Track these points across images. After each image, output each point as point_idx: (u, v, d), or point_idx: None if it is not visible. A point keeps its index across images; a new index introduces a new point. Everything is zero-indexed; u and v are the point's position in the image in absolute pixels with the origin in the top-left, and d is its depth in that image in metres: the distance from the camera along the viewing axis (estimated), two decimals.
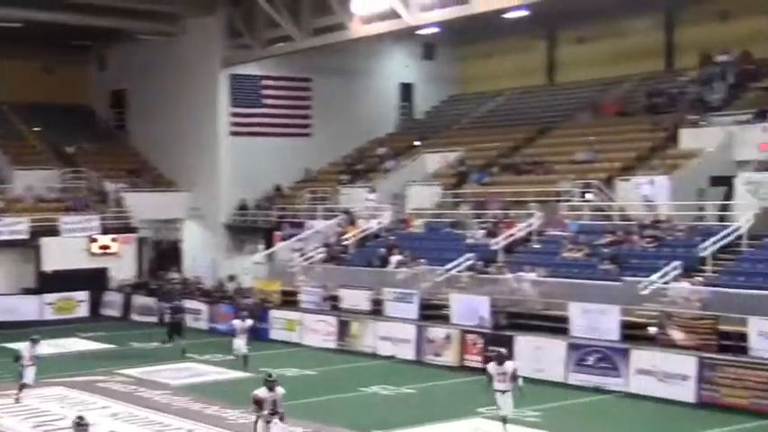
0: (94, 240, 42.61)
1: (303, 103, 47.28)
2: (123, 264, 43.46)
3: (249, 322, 29.49)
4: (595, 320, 26.84)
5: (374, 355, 30.59)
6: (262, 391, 17.91)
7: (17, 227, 41.20)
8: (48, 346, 28.43)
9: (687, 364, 23.53)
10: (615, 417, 22.57)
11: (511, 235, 33.38)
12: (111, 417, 22.64)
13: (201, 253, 46.23)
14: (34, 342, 24.78)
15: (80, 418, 15.82)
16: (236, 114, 45.70)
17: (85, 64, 52.81)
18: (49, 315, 40.54)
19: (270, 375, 18.16)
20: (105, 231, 43.13)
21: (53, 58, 50.33)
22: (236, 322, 29.47)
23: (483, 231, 34.41)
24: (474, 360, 27.88)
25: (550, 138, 41.57)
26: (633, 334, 26.33)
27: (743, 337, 24.06)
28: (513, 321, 28.85)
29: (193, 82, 45.84)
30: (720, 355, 23.78)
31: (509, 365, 20.02)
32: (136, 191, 46.06)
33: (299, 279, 36.62)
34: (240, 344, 28.79)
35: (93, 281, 41.99)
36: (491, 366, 20.14)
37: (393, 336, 30.48)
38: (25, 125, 48.98)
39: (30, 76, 49.23)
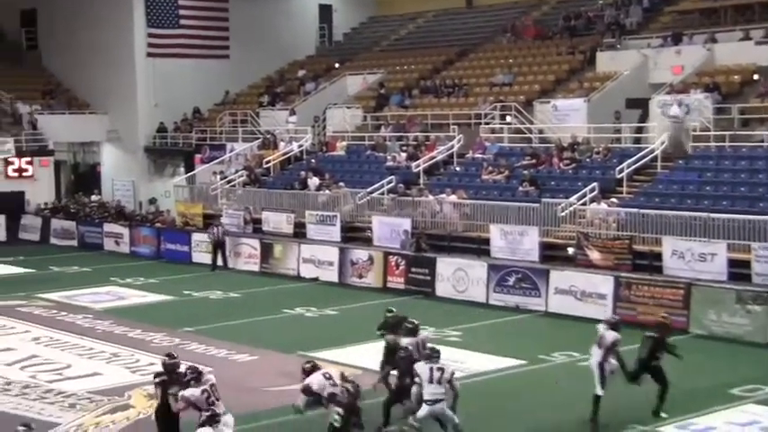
0: (10, 163, 41.82)
1: (221, 24, 46.66)
2: (40, 187, 42.71)
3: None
4: (515, 242, 27.39)
5: (298, 278, 30.74)
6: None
7: None
8: None
9: (604, 283, 24.05)
10: (535, 335, 23.05)
11: (432, 157, 33.64)
12: (33, 341, 22.42)
13: (121, 176, 45.75)
14: None
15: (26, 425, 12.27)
16: (152, 35, 44.94)
17: None
18: None
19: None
20: (20, 154, 42.26)
21: None
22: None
23: (404, 154, 34.61)
24: (397, 282, 28.22)
25: (470, 60, 41.73)
26: (552, 255, 27.00)
27: (657, 256, 24.81)
28: (434, 243, 29.25)
29: (107, 1, 44.83)
30: (635, 273, 24.46)
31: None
32: (51, 113, 45.15)
33: (221, 202, 36.52)
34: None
35: (10, 204, 41.16)
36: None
37: (316, 258, 30.66)
38: None
39: None
